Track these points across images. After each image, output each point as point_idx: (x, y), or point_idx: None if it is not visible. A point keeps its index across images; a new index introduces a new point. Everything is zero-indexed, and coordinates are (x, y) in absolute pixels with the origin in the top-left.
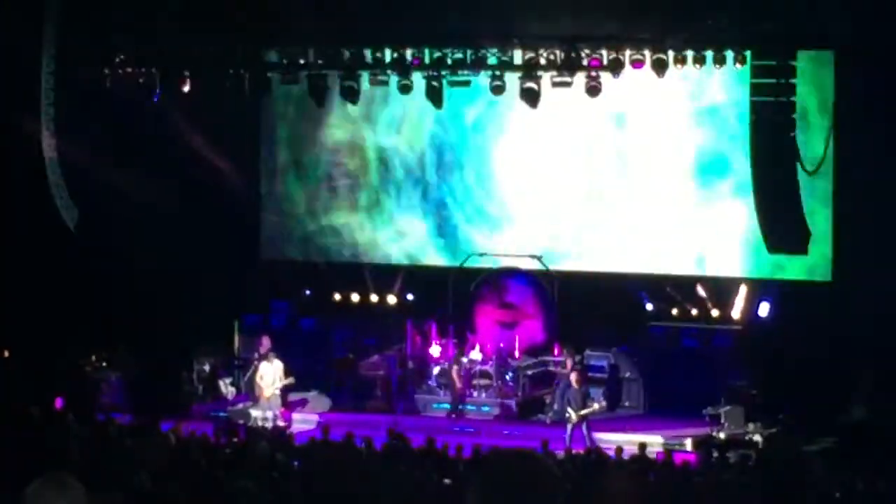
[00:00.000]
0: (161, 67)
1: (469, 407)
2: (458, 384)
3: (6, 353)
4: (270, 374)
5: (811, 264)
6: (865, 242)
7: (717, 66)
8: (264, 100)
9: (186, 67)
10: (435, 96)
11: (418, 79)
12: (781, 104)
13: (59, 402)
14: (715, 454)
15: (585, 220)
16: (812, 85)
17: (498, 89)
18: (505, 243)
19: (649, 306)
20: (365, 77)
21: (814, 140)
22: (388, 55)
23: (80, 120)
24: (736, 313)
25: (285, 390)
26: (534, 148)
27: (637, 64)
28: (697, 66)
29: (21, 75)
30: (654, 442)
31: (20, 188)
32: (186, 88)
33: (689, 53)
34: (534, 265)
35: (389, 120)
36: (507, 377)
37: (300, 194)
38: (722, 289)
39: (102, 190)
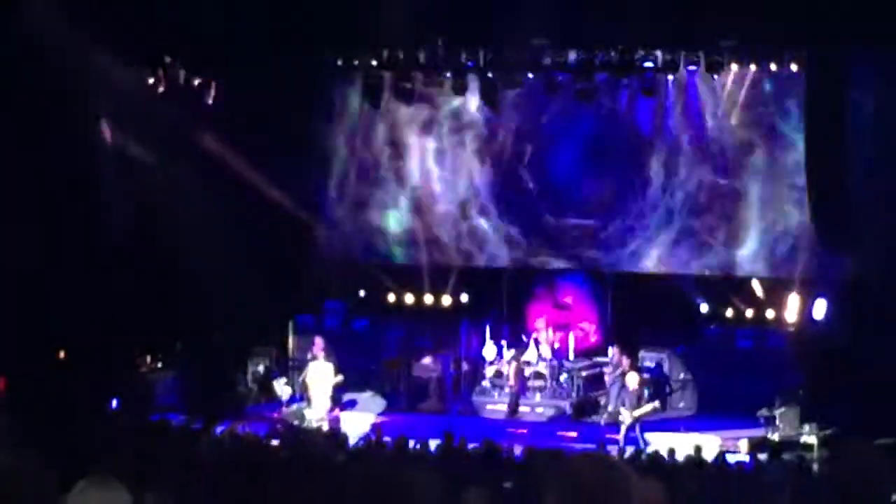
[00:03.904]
0: (215, 72)
1: (523, 408)
2: (515, 385)
3: (62, 354)
4: (320, 375)
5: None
6: None
7: (773, 66)
8: (321, 100)
9: (241, 70)
10: (490, 97)
11: (472, 79)
12: (836, 106)
13: (114, 403)
14: (770, 455)
15: (641, 219)
16: (868, 88)
17: (552, 89)
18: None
19: (704, 307)
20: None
21: (870, 141)
22: (442, 55)
23: (133, 121)
24: (791, 314)
25: (337, 390)
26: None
27: (692, 64)
28: (753, 66)
29: (72, 80)
30: (710, 443)
31: (73, 189)
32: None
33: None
34: (588, 265)
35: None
36: (562, 378)
37: (356, 195)
38: (778, 289)
39: (157, 190)
